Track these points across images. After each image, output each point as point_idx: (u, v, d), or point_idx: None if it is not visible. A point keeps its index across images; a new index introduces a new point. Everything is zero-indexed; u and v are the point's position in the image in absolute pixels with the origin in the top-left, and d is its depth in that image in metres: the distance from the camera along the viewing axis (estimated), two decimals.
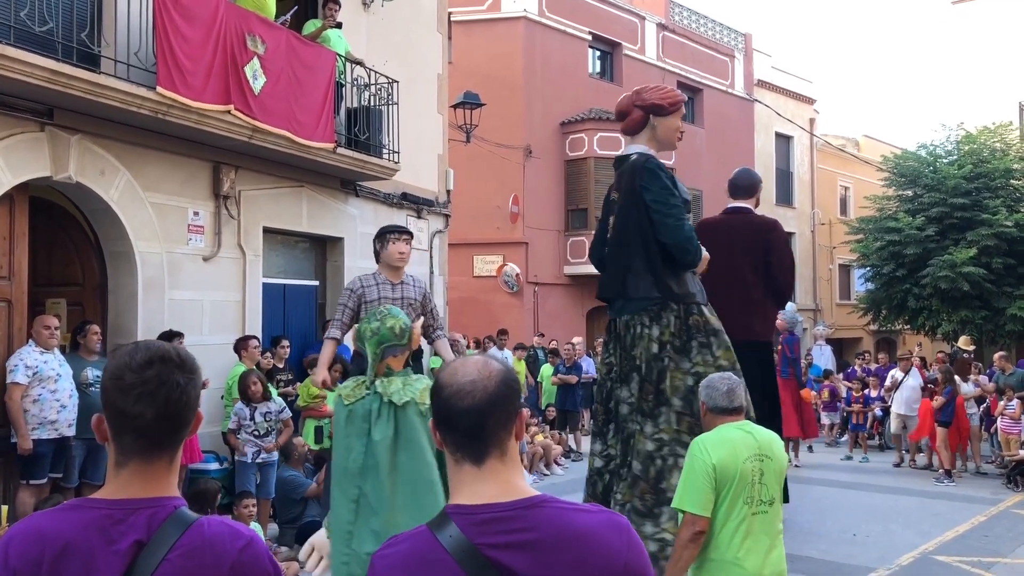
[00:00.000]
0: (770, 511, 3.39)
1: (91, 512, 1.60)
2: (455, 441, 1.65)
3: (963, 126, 21.98)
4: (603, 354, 5.38)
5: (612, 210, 5.31)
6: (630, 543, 1.62)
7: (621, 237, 5.12)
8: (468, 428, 1.63)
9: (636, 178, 5.04)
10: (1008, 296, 19.22)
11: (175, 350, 1.70)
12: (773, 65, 28.29)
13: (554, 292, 19.91)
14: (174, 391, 1.64)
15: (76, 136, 7.71)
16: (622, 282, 5.12)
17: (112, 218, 8.19)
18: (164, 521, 1.60)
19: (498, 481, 1.63)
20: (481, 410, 1.62)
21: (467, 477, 1.64)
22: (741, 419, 3.51)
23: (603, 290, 5.32)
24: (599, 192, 20.08)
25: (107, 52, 7.60)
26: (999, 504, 10.07)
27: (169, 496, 1.65)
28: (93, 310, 8.45)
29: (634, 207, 5.05)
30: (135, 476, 1.64)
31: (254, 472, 7.83)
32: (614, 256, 5.18)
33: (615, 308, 5.23)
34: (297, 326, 10.73)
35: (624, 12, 22.35)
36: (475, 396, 1.63)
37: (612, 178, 5.47)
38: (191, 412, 1.69)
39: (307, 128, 9.42)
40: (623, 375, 5.07)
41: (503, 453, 1.66)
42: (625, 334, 5.07)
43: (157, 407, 1.62)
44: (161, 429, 1.64)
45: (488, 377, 1.65)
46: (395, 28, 12.09)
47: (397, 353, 3.92)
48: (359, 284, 5.86)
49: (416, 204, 12.61)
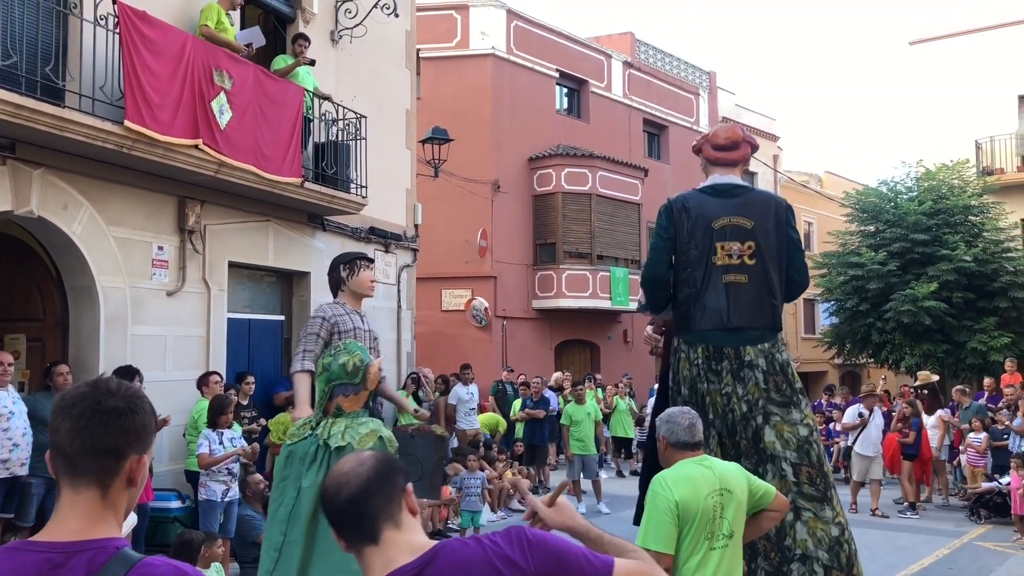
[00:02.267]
0: (730, 544, 3.40)
1: (30, 556, 1.54)
2: (351, 534, 1.75)
3: (922, 163, 22.43)
4: (715, 384, 5.05)
5: (722, 235, 5.15)
6: (525, 544, 1.73)
7: (764, 266, 5.09)
8: (355, 516, 1.73)
9: (784, 213, 5.22)
10: (968, 330, 19.52)
11: (117, 381, 1.66)
12: (737, 103, 28.78)
13: (522, 326, 19.92)
14: (92, 408, 1.58)
15: (39, 170, 7.64)
16: (772, 309, 5.14)
17: (75, 252, 8.11)
18: (105, 564, 1.53)
19: (400, 548, 1.73)
20: (360, 496, 1.73)
21: (371, 559, 1.74)
22: (700, 453, 3.53)
23: (741, 318, 5.06)
24: (567, 227, 20.22)
25: (72, 86, 7.58)
26: (962, 536, 10.17)
27: (110, 537, 1.58)
28: (54, 346, 8.32)
29: (779, 240, 5.14)
30: (71, 512, 1.59)
31: (221, 511, 7.69)
32: (756, 284, 5.09)
33: (749, 336, 5.07)
34: (262, 362, 10.63)
35: (591, 50, 22.66)
36: (351, 486, 1.74)
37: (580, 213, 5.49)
38: (116, 439, 1.59)
39: (274, 163, 9.42)
40: (783, 401, 4.98)
41: (397, 524, 1.76)
42: (765, 360, 5.02)
43: (72, 421, 1.57)
44: (75, 446, 1.57)
45: (360, 464, 1.77)
46: (363, 64, 12.16)
47: (348, 393, 3.72)
48: (329, 312, 5.26)
49: (384, 238, 12.61)
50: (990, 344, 18.96)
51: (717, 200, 5.20)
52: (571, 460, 12.10)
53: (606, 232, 20.85)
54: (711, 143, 5.44)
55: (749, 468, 4.63)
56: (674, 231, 5.16)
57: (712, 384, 4.99)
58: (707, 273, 5.07)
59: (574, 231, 20.32)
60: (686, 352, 5.12)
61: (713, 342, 5.02)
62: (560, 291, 20.09)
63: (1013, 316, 19.72)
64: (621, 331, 22.26)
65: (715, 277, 5.05)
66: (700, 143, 5.55)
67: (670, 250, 5.17)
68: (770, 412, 4.88)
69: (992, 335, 19.10)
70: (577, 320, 20.81)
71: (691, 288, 5.10)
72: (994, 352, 18.84)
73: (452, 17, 19.87)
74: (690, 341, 5.10)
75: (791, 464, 4.81)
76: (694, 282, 5.09)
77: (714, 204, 5.18)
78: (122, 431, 1.60)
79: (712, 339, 5.01)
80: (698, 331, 5.05)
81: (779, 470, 4.77)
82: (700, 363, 5.04)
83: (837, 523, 4.79)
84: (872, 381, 13.51)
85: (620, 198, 21.27)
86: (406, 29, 13.33)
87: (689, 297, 5.11)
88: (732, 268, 5.06)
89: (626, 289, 20.94)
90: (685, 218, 5.18)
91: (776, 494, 3.66)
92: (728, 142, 5.39)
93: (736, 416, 4.92)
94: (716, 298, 5.05)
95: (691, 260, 5.12)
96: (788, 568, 4.56)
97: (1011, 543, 9.73)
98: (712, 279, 5.05)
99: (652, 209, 22.79)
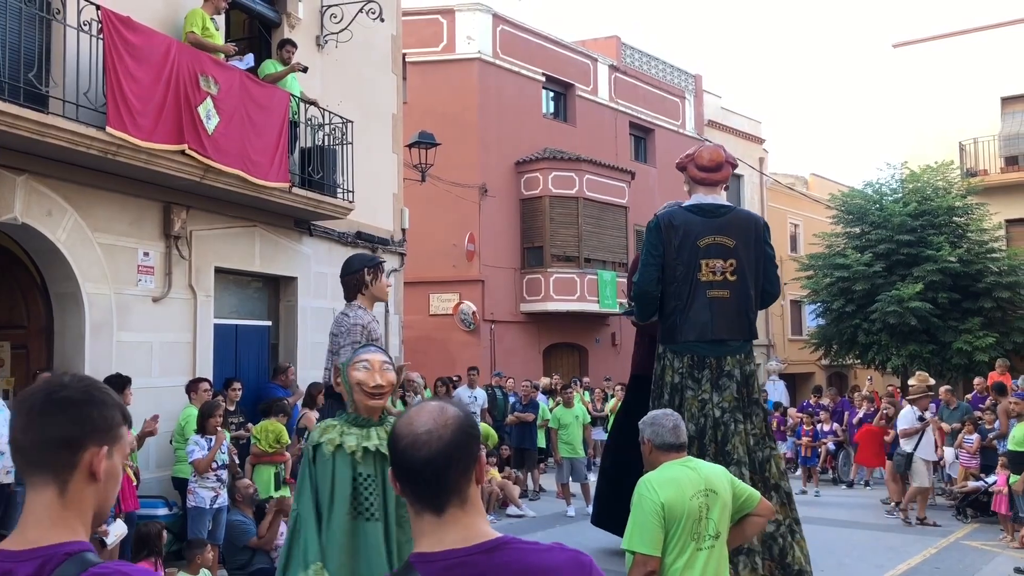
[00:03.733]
0: (716, 545, 3.41)
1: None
2: (414, 492, 1.64)
3: (907, 165, 22.59)
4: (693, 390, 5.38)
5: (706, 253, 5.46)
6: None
7: (744, 282, 5.49)
8: (427, 479, 1.62)
9: (762, 231, 5.66)
10: (954, 330, 19.65)
11: (73, 375, 1.60)
12: (723, 106, 28.87)
13: (510, 330, 19.92)
14: (43, 399, 1.53)
15: (22, 176, 7.60)
16: (749, 323, 5.58)
17: (59, 259, 8.06)
18: (55, 569, 1.45)
19: (459, 527, 1.63)
20: (439, 460, 1.61)
21: (428, 527, 1.64)
22: (685, 455, 3.54)
23: (723, 330, 5.44)
24: (554, 230, 20.25)
25: (55, 92, 7.54)
26: (949, 536, 10.22)
27: (67, 541, 1.50)
28: (39, 353, 8.28)
29: (757, 257, 5.55)
30: (30, 515, 1.53)
31: (209, 518, 7.65)
32: (736, 299, 5.47)
33: (729, 347, 5.47)
34: (249, 367, 10.59)
35: (577, 54, 22.71)
36: (431, 447, 1.61)
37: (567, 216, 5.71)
38: (69, 428, 1.52)
39: (261, 168, 9.39)
40: (745, 410, 5.40)
41: (463, 501, 1.65)
42: (740, 371, 5.45)
43: (24, 414, 1.54)
44: (28, 439, 1.53)
45: (444, 426, 1.63)
46: (349, 68, 12.15)
47: None
48: (365, 318, 5.04)
49: (371, 243, 12.59)
50: (975, 344, 19.10)
51: (702, 219, 5.57)
52: (559, 463, 12.10)
53: (593, 235, 20.88)
54: (696, 163, 5.75)
55: None
56: (663, 248, 5.50)
57: (690, 391, 5.38)
58: (692, 288, 5.45)
59: (561, 234, 20.35)
60: (670, 360, 5.47)
61: (697, 352, 5.42)
62: (548, 295, 20.11)
63: (998, 316, 19.86)
64: (609, 334, 22.29)
65: (700, 292, 5.44)
66: (685, 162, 5.83)
67: (660, 267, 5.51)
68: (737, 420, 5.35)
69: (977, 335, 19.24)
70: (565, 323, 20.83)
71: (677, 301, 5.48)
72: (979, 352, 18.97)
73: (438, 21, 19.89)
74: (675, 350, 5.45)
75: (746, 466, 5.30)
76: (680, 296, 5.47)
77: (699, 223, 5.55)
78: (75, 420, 1.53)
79: (696, 349, 5.42)
80: (683, 341, 5.43)
81: (739, 472, 5.20)
82: (683, 371, 5.41)
83: (773, 520, 5.18)
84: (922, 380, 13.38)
85: (607, 201, 21.31)
86: (392, 34, 13.32)
87: (675, 310, 5.48)
88: (715, 284, 5.45)
89: (613, 292, 20.98)
90: (672, 235, 5.52)
91: (760, 499, 3.69)
92: (712, 163, 5.73)
93: (708, 421, 5.32)
94: (701, 312, 5.43)
95: (678, 276, 5.49)
96: (735, 559, 5.00)
97: (997, 542, 9.79)
98: (697, 294, 5.44)
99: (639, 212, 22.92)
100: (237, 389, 9.45)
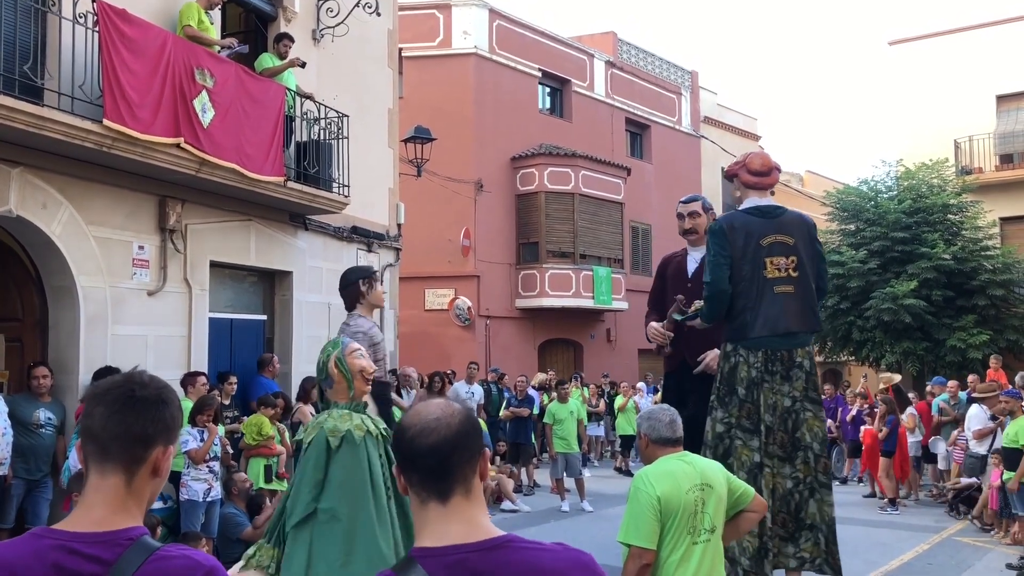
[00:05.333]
0: (712, 539, 3.43)
1: (48, 541, 1.59)
2: (420, 480, 1.67)
3: (902, 162, 22.60)
4: (769, 383, 5.69)
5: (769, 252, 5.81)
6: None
7: (805, 277, 5.83)
8: (433, 466, 1.66)
9: (813, 231, 6.03)
10: (947, 328, 19.69)
11: (150, 375, 1.75)
12: (719, 102, 28.89)
13: (506, 325, 19.93)
14: (126, 395, 1.67)
15: (17, 169, 7.58)
16: (814, 315, 5.90)
17: (54, 252, 8.05)
18: (123, 552, 1.58)
19: (463, 520, 1.65)
20: (445, 447, 1.66)
21: (432, 516, 1.66)
22: (681, 450, 3.56)
23: (792, 323, 5.75)
24: (550, 226, 20.25)
25: (51, 84, 7.51)
26: (942, 532, 10.26)
27: (130, 526, 1.63)
28: (32, 346, 8.26)
29: (812, 255, 5.94)
30: (96, 496, 1.65)
31: (203, 511, 7.66)
32: (800, 293, 5.80)
33: (799, 339, 5.79)
34: (244, 362, 10.58)
35: (573, 50, 22.70)
36: (439, 433, 1.66)
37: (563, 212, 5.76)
38: (146, 426, 1.67)
39: (256, 162, 9.38)
40: (812, 397, 5.74)
41: (468, 491, 1.68)
42: (808, 361, 5.80)
43: (106, 405, 1.66)
44: (107, 431, 1.65)
45: (451, 415, 1.70)
46: (345, 63, 12.13)
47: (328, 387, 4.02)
48: (365, 325, 5.57)
49: (367, 238, 12.58)
50: (969, 341, 19.14)
51: (763, 220, 5.88)
52: (554, 458, 12.12)
53: (589, 231, 20.90)
54: (748, 169, 6.06)
55: (784, 456, 5.59)
56: (730, 249, 5.78)
57: (767, 384, 5.67)
58: (760, 286, 5.74)
59: (557, 230, 20.36)
60: (744, 357, 5.75)
61: (770, 347, 5.71)
62: (543, 290, 20.13)
63: (991, 314, 19.90)
64: (604, 330, 22.32)
65: (767, 289, 5.74)
66: (736, 169, 6.15)
67: (729, 267, 5.79)
68: (805, 408, 5.66)
69: (971, 332, 19.28)
70: (560, 319, 20.85)
71: (746, 299, 5.76)
72: (973, 349, 19.02)
73: (434, 16, 19.86)
74: (748, 347, 5.75)
75: (815, 454, 5.62)
76: (749, 295, 5.75)
77: (760, 223, 5.86)
78: (152, 420, 1.68)
79: (769, 344, 5.71)
80: (756, 337, 5.71)
81: (807, 457, 5.60)
82: (759, 365, 5.69)
83: (831, 505, 5.78)
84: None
85: (603, 197, 21.32)
86: (388, 28, 13.30)
87: (745, 308, 5.75)
88: (781, 281, 5.75)
89: (609, 288, 21.00)
90: (736, 237, 5.81)
91: (754, 495, 3.75)
92: (765, 168, 6.06)
93: (780, 410, 5.65)
94: (771, 307, 5.71)
95: (745, 275, 5.76)
96: (799, 534, 5.58)
97: (990, 538, 9.83)
98: (765, 291, 5.73)
99: (635, 208, 22.96)
100: (232, 383, 9.46)
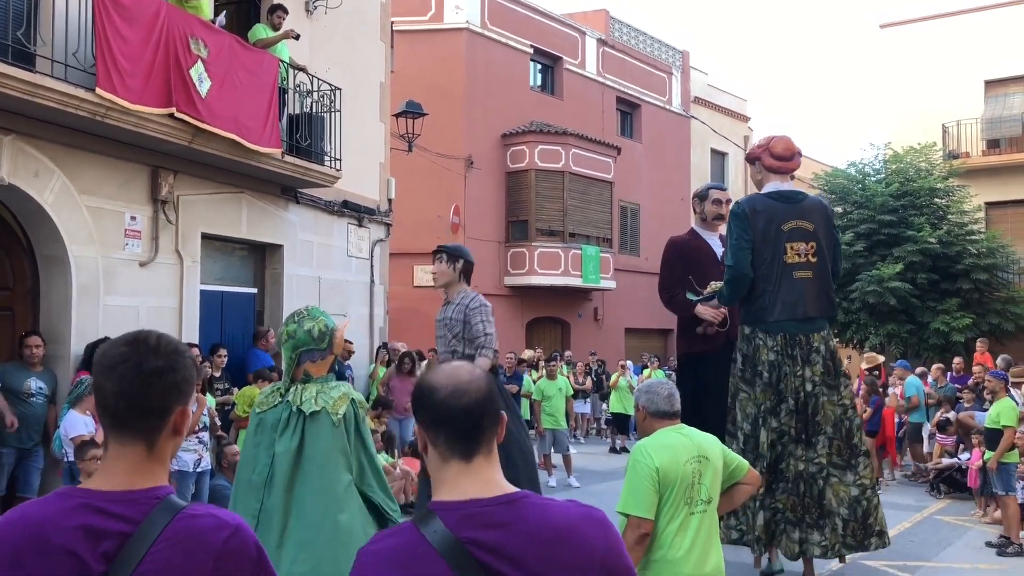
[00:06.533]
0: (708, 510, 3.50)
1: (75, 500, 1.60)
2: (449, 438, 1.71)
3: (890, 146, 22.71)
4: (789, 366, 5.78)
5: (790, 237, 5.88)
6: (607, 536, 1.69)
7: (823, 263, 5.90)
8: (465, 425, 1.70)
9: (831, 216, 6.13)
10: (932, 311, 19.89)
11: (157, 336, 1.69)
12: (709, 83, 28.87)
13: (494, 303, 19.76)
14: (134, 370, 1.63)
15: (9, 136, 7.53)
16: (831, 301, 5.99)
17: (46, 221, 8.01)
18: (150, 511, 1.59)
19: (480, 478, 1.70)
20: (477, 409, 1.71)
21: (452, 473, 1.71)
22: (678, 423, 3.62)
23: (811, 309, 5.83)
24: (539, 204, 20.25)
25: (43, 51, 7.45)
26: (923, 511, 10.42)
27: (155, 486, 1.64)
28: (24, 316, 8.23)
29: (830, 241, 6.02)
30: (118, 463, 1.65)
31: (192, 481, 7.69)
32: (819, 278, 5.87)
33: (816, 324, 5.85)
34: (234, 334, 10.59)
35: (565, 27, 22.61)
36: (471, 395, 1.71)
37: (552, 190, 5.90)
38: (161, 398, 1.65)
39: (254, 133, 9.34)
40: (831, 382, 5.81)
41: (489, 452, 1.74)
42: (825, 346, 5.87)
43: (115, 381, 1.63)
44: (120, 407, 1.63)
45: (480, 378, 1.75)
46: (338, 36, 12.06)
47: (316, 359, 3.77)
48: None
49: (357, 212, 12.56)
50: (952, 325, 19.35)
51: (784, 205, 5.92)
52: (542, 435, 12.21)
53: (578, 210, 20.91)
54: (771, 153, 6.08)
55: (805, 438, 5.66)
56: (752, 232, 5.83)
57: (787, 367, 5.76)
58: (780, 270, 5.80)
59: (547, 208, 20.36)
60: (763, 339, 5.81)
61: (789, 330, 5.79)
62: (532, 268, 20.16)
63: (975, 297, 20.11)
64: (591, 309, 22.40)
65: (787, 274, 5.80)
66: (758, 152, 6.17)
67: (751, 251, 5.85)
68: (823, 392, 5.76)
69: (955, 316, 19.49)
70: (548, 297, 20.90)
71: (767, 283, 5.81)
72: (956, 333, 19.23)
73: None
74: (767, 330, 5.81)
75: (828, 437, 5.71)
76: (769, 278, 5.80)
77: (781, 208, 5.91)
78: (165, 391, 1.65)
79: (788, 328, 5.78)
80: (775, 320, 5.77)
81: (827, 440, 5.71)
82: (778, 348, 5.78)
83: (858, 484, 5.76)
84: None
85: (593, 176, 21.33)
86: (380, 1, 13.22)
87: (765, 291, 5.81)
88: (800, 266, 5.82)
89: (597, 267, 21.05)
90: (757, 220, 5.86)
91: (748, 468, 3.82)
92: (787, 152, 6.08)
93: (802, 395, 5.73)
94: (790, 292, 5.79)
95: (765, 259, 5.82)
96: (824, 522, 5.64)
97: (969, 516, 10.00)
98: (785, 276, 5.79)
99: (624, 187, 22.97)
100: (223, 355, 9.46)
